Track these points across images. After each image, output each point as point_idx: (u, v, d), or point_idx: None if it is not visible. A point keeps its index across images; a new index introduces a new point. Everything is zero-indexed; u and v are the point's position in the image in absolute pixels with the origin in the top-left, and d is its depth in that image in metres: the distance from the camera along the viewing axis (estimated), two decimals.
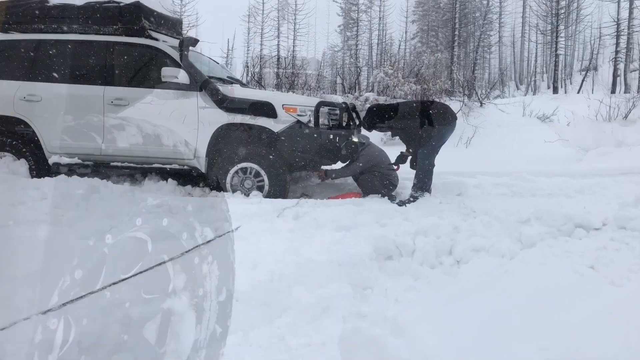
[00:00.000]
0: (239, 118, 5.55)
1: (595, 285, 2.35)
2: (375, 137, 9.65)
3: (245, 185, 5.66)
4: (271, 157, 5.56)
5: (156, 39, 5.99)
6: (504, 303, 2.21)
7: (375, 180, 5.67)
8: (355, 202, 4.92)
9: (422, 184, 5.26)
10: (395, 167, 5.81)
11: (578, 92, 18.57)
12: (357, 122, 6.54)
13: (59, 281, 2.59)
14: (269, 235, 3.45)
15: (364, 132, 6.72)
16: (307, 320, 2.50)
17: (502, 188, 6.15)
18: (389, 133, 8.08)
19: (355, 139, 5.93)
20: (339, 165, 6.81)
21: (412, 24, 43.47)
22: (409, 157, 5.56)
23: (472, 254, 3.22)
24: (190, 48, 6.05)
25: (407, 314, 2.42)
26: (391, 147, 7.82)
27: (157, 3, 6.30)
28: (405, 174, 6.18)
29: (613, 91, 20.12)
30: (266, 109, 5.47)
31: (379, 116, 5.28)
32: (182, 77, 5.51)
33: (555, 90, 21.99)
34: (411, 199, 5.20)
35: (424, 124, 5.13)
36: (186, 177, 6.00)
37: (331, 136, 5.70)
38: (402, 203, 5.05)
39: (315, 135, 5.49)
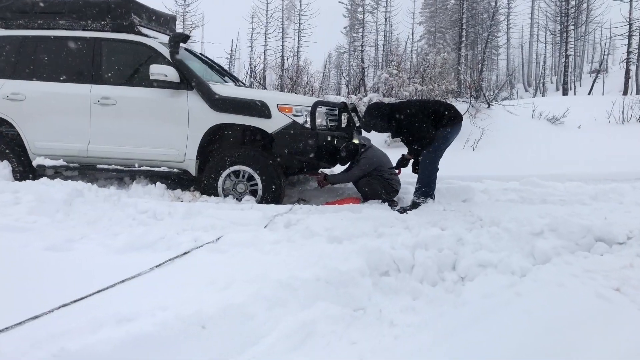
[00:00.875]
0: (231, 118, 5.24)
1: (624, 312, 2.00)
2: (379, 139, 9.32)
3: (238, 189, 5.35)
4: (265, 159, 5.24)
5: (146, 35, 5.70)
6: (517, 335, 1.87)
7: (376, 184, 5.34)
8: (353, 209, 4.59)
9: (425, 190, 4.91)
10: (396, 171, 5.46)
11: (589, 94, 18.15)
12: (358, 123, 6.23)
13: None
14: (252, 248, 3.11)
15: (364, 133, 6.39)
16: (287, 348, 2.16)
17: (511, 194, 5.84)
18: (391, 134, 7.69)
19: (355, 141, 5.61)
20: (338, 168, 6.51)
21: (419, 26, 43.12)
22: (411, 161, 5.20)
23: (478, 270, 2.87)
24: (182, 45, 5.76)
25: (403, 344, 2.08)
26: (395, 149, 7.49)
27: None
28: (409, 177, 5.85)
29: (625, 92, 19.67)
30: (260, 109, 5.16)
31: (379, 116, 4.92)
32: (172, 74, 5.21)
33: (565, 92, 21.53)
34: (413, 206, 4.85)
35: (427, 124, 4.77)
36: (176, 180, 5.70)
37: (329, 138, 5.39)
38: (402, 210, 4.71)
39: (312, 136, 5.16)
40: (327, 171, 6.92)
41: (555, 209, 4.61)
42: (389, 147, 9.52)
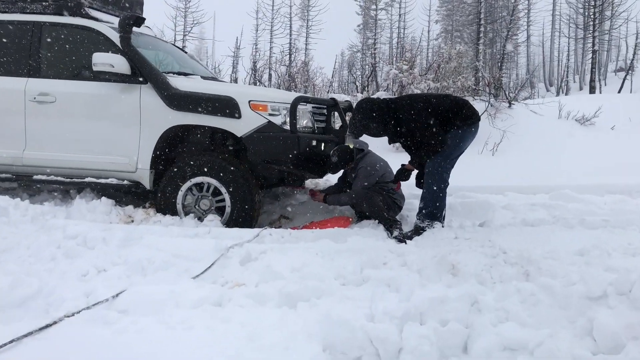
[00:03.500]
0: (191, 118, 4.26)
1: None
2: (382, 141, 8.21)
3: (202, 206, 4.36)
4: (235, 169, 4.24)
5: (96, 19, 4.74)
6: None
7: (376, 199, 4.21)
8: (337, 236, 3.53)
9: (431, 211, 3.83)
10: (394, 186, 4.37)
11: (619, 92, 16.82)
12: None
13: None
14: (155, 316, 2.06)
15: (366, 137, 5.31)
16: None
17: (540, 210, 4.80)
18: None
19: (350, 145, 4.51)
20: (332, 179, 5.47)
21: (436, 24, 41.84)
22: (414, 172, 4.10)
23: (502, 357, 1.82)
24: (138, 30, 4.79)
25: None
26: (402, 154, 6.40)
27: None
28: (414, 189, 4.77)
29: None
30: (226, 107, 4.17)
31: (372, 114, 3.86)
32: (120, 65, 4.25)
33: (592, 90, 20.12)
34: (415, 232, 3.78)
35: (434, 125, 3.70)
36: (130, 194, 4.73)
37: (314, 142, 4.36)
38: (402, 238, 3.62)
39: (291, 140, 4.15)
40: (320, 182, 5.91)
41: (603, 236, 3.54)
42: (397, 151, 8.42)
